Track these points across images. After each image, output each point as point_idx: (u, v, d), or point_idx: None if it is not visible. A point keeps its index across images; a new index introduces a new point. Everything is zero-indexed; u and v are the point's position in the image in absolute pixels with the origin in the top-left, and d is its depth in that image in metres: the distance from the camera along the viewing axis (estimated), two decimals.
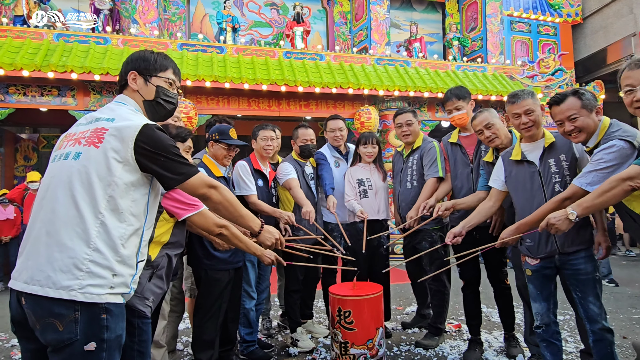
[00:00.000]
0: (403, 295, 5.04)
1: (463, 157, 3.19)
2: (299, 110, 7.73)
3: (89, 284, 1.30)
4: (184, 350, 3.41)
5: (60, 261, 1.31)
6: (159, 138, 1.46)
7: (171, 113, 1.72)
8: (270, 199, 3.26)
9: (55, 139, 8.94)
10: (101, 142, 1.40)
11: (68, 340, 1.29)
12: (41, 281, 1.30)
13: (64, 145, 1.49)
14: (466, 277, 3.16)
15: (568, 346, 3.22)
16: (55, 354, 1.31)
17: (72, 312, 1.29)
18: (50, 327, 1.29)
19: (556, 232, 2.05)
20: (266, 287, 3.48)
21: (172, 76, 1.68)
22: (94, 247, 1.33)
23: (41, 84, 6.31)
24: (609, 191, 1.91)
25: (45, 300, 1.29)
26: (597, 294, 2.30)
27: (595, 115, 2.18)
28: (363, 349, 2.39)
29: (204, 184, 1.59)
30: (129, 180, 1.41)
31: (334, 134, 3.64)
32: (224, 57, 7.25)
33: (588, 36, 10.98)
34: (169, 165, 1.47)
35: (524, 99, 2.50)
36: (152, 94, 1.63)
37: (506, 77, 8.94)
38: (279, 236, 2.08)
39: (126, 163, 1.40)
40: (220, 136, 2.82)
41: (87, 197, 1.36)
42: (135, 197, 1.44)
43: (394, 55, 8.86)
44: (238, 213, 1.76)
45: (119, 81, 1.66)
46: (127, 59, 1.66)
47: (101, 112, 1.55)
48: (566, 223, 2.01)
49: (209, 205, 1.71)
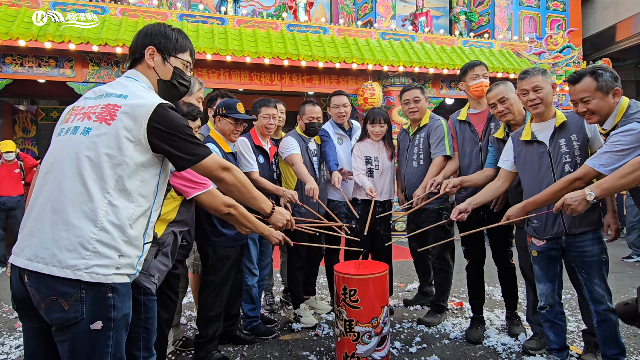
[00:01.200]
0: (405, 272, 5.07)
1: (472, 135, 3.12)
2: (301, 85, 7.59)
3: (95, 264, 1.27)
4: (187, 324, 3.44)
5: (66, 240, 1.27)
6: (173, 118, 1.41)
7: (182, 96, 1.68)
8: (272, 175, 3.21)
9: (53, 111, 8.83)
10: (113, 120, 1.35)
11: (74, 319, 1.27)
12: (46, 259, 1.26)
13: (72, 118, 1.43)
14: (471, 257, 3.15)
15: (569, 325, 3.24)
16: (60, 333, 1.29)
17: (77, 290, 1.26)
18: (56, 306, 1.26)
19: (572, 212, 2.02)
20: (268, 263, 3.48)
21: (188, 58, 1.63)
22: (101, 227, 1.29)
23: (38, 55, 6.16)
24: (632, 173, 1.87)
25: (50, 279, 1.26)
26: (602, 276, 2.29)
27: (613, 97, 2.10)
28: (368, 327, 2.39)
29: (218, 166, 1.56)
30: (139, 160, 1.37)
31: (338, 110, 3.55)
32: (225, 28, 7.06)
33: (598, 12, 10.70)
34: (183, 146, 1.43)
35: (533, 75, 2.44)
36: (168, 75, 1.58)
37: (513, 53, 8.75)
38: (290, 217, 2.08)
39: (138, 143, 1.36)
40: (227, 110, 2.75)
41: (95, 176, 1.31)
42: (145, 178, 1.39)
43: (399, 30, 8.64)
44: (250, 195, 1.74)
45: (132, 53, 1.58)
46: (145, 32, 1.58)
47: (112, 86, 1.49)
48: (583, 204, 1.98)
49: (221, 187, 1.68)
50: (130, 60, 1.59)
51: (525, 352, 2.75)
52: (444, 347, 2.92)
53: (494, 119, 2.99)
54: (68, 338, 1.29)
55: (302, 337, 3.13)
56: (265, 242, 3.35)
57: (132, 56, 1.58)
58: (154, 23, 1.63)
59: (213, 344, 2.73)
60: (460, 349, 2.87)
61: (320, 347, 2.96)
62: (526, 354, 2.74)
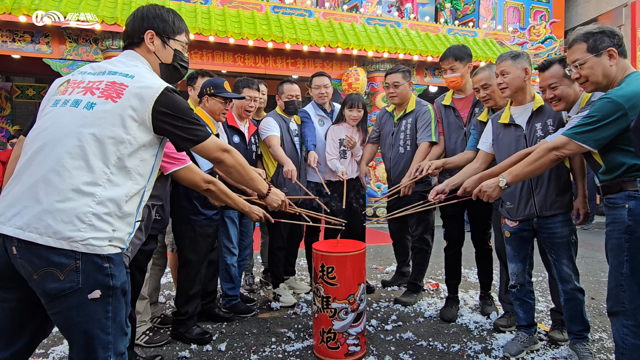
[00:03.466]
0: (384, 255, 5.15)
1: (456, 120, 3.16)
2: (285, 68, 7.53)
3: (90, 236, 1.27)
4: (166, 303, 3.44)
5: (62, 212, 1.25)
6: (178, 101, 1.45)
7: (183, 77, 1.71)
8: (250, 155, 3.20)
9: (29, 88, 8.56)
10: (120, 98, 1.36)
11: (69, 289, 1.26)
12: (39, 229, 1.24)
13: (69, 91, 1.41)
14: (451, 238, 3.22)
15: (539, 305, 3.36)
16: (54, 304, 1.28)
17: (72, 261, 1.26)
18: (50, 277, 1.25)
19: (488, 199, 2.15)
20: (249, 243, 3.49)
21: (185, 39, 1.66)
22: (99, 201, 1.30)
23: (12, 29, 5.94)
24: (538, 160, 1.96)
25: (44, 249, 1.24)
26: (571, 257, 2.38)
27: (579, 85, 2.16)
28: (344, 303, 2.43)
29: (218, 148, 1.60)
30: (142, 140, 1.39)
31: (319, 90, 3.55)
32: (208, 8, 6.93)
33: (580, 5, 10.86)
34: (186, 128, 1.47)
35: (503, 59, 2.51)
36: (169, 58, 1.61)
37: (496, 43, 8.84)
38: (285, 198, 2.16)
39: (142, 123, 1.38)
40: (215, 90, 2.72)
41: (98, 151, 1.31)
42: (144, 157, 1.42)
43: (384, 15, 8.61)
44: (249, 176, 1.79)
45: (129, 36, 1.58)
46: (141, 15, 1.58)
47: (113, 65, 1.49)
48: (497, 190, 2.12)
49: (221, 169, 1.72)
50: (127, 43, 1.59)
51: (496, 329, 2.85)
52: (418, 324, 3.00)
53: (479, 104, 3.02)
54: (63, 308, 1.28)
55: (280, 315, 3.16)
56: (246, 222, 3.36)
57: (129, 39, 1.58)
58: (147, 5, 1.63)
59: (193, 320, 2.75)
60: (434, 327, 2.96)
61: (298, 324, 3.00)
62: (497, 330, 2.84)
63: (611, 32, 1.86)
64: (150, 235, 2.15)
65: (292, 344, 2.69)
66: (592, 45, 1.86)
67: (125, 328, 1.41)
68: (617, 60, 1.85)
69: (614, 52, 1.85)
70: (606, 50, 1.85)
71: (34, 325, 1.41)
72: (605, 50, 1.85)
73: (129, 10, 6.12)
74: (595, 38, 1.86)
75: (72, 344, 1.33)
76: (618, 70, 1.86)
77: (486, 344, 2.68)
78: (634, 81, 1.79)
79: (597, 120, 1.78)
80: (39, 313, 1.39)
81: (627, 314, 1.76)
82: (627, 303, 1.76)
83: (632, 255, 1.74)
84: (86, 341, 1.31)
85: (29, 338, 1.41)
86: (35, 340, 1.44)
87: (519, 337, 2.56)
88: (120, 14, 5.96)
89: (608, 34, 1.86)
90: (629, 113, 1.72)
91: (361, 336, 2.52)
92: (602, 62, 1.85)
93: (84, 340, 1.31)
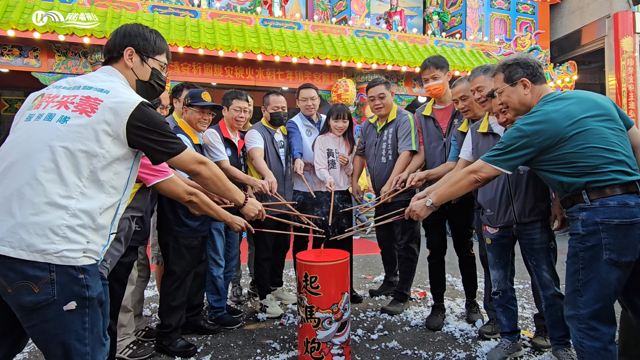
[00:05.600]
0: (373, 265, 5.16)
1: (436, 131, 3.20)
2: (275, 80, 7.59)
3: (64, 248, 1.29)
4: (151, 316, 3.42)
5: (36, 224, 1.27)
6: (153, 115, 1.47)
7: (158, 95, 1.75)
8: (239, 168, 3.22)
9: (18, 102, 8.55)
10: (94, 112, 1.38)
11: (45, 301, 1.27)
12: (13, 243, 1.25)
13: (44, 105, 1.43)
14: (433, 246, 3.25)
15: (525, 312, 3.38)
16: (30, 317, 1.29)
17: (47, 273, 1.27)
18: (25, 290, 1.26)
19: (417, 218, 2.28)
20: (235, 255, 3.49)
21: (165, 60, 1.71)
22: (72, 214, 1.31)
23: (1, 43, 5.96)
24: (458, 182, 2.08)
25: (18, 263, 1.25)
26: (550, 262, 2.41)
27: None
28: (328, 313, 2.44)
29: (194, 160, 1.64)
30: (115, 154, 1.41)
31: (306, 102, 3.59)
32: (197, 21, 6.99)
33: (565, 16, 11.08)
34: (161, 141, 1.49)
35: (476, 75, 2.58)
36: (147, 76, 1.65)
37: (483, 54, 8.98)
38: (262, 208, 2.22)
39: (116, 137, 1.40)
40: (192, 100, 2.77)
41: (71, 165, 1.33)
42: (118, 170, 1.43)
43: (373, 27, 8.74)
44: (225, 187, 1.84)
45: (108, 51, 1.62)
46: (123, 32, 1.63)
47: (89, 79, 1.51)
48: (424, 210, 2.25)
49: (197, 181, 1.75)
50: (107, 58, 1.63)
51: (481, 337, 2.86)
52: (404, 333, 3.00)
53: (458, 115, 3.07)
54: (39, 321, 1.29)
55: (267, 327, 3.15)
56: (232, 233, 3.36)
57: (109, 54, 1.62)
58: (131, 23, 1.68)
59: (177, 333, 2.73)
60: (420, 335, 2.96)
61: (284, 335, 2.99)
62: (482, 338, 2.85)
63: (525, 63, 2.03)
64: (130, 246, 2.15)
65: (277, 355, 2.68)
66: (507, 76, 2.05)
67: (103, 339, 1.41)
68: (530, 89, 2.02)
69: (527, 82, 2.02)
70: (520, 80, 2.02)
71: (8, 340, 1.41)
72: (519, 80, 2.02)
73: (118, 23, 6.16)
74: (510, 69, 2.05)
75: (50, 357, 1.33)
76: (533, 96, 2.03)
77: (470, 352, 2.68)
78: (538, 107, 1.93)
79: (506, 146, 1.93)
80: (14, 329, 1.39)
81: (581, 318, 1.82)
82: (582, 307, 1.81)
83: (586, 264, 1.80)
84: (64, 352, 1.31)
85: (3, 354, 1.41)
86: (9, 355, 1.44)
87: (502, 344, 2.57)
88: (110, 28, 6.00)
89: (522, 65, 2.03)
90: (530, 137, 1.86)
91: (345, 346, 2.51)
92: (517, 91, 2.04)
93: (61, 352, 1.31)
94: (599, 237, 1.76)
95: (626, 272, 1.78)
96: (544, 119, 1.85)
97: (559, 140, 1.83)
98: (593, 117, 1.84)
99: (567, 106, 1.86)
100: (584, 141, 1.80)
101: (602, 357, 1.77)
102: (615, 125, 1.86)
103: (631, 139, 1.93)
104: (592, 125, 1.82)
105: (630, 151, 1.87)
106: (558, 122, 1.83)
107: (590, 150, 1.79)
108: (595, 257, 1.78)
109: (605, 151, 1.79)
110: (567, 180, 1.86)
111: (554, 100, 1.91)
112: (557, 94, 1.96)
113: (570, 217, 1.93)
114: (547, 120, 1.85)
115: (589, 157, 1.79)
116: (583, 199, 1.82)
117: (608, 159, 1.79)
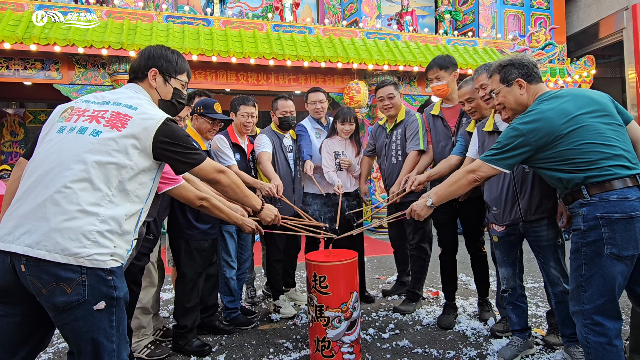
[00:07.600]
0: (387, 265, 5.17)
1: (445, 130, 3.22)
2: (287, 84, 7.68)
3: (95, 252, 1.39)
4: (169, 317, 3.52)
5: (69, 230, 1.37)
6: (177, 130, 1.60)
7: (179, 112, 1.89)
8: (249, 172, 3.29)
9: (41, 114, 8.86)
10: (124, 127, 1.50)
11: (77, 302, 1.37)
12: (48, 246, 1.34)
13: (75, 118, 1.54)
14: (444, 245, 3.26)
15: (539, 310, 3.35)
16: (62, 316, 1.39)
17: (78, 275, 1.37)
18: (58, 291, 1.36)
19: (418, 217, 2.29)
20: (248, 256, 3.56)
21: (186, 79, 1.82)
22: (102, 220, 1.42)
23: (24, 57, 6.21)
24: (457, 181, 2.10)
25: (52, 265, 1.35)
26: (558, 259, 2.40)
27: None
28: (337, 312, 2.48)
29: (214, 169, 1.77)
30: (142, 165, 1.52)
31: (315, 106, 3.65)
32: (210, 30, 7.14)
33: (581, 10, 10.87)
34: (185, 153, 1.62)
35: (479, 74, 2.59)
36: (169, 95, 1.78)
37: (497, 51, 8.89)
38: (277, 213, 2.34)
39: (143, 150, 1.52)
40: (205, 110, 2.83)
41: (101, 175, 1.44)
42: (143, 181, 1.55)
43: (384, 29, 8.75)
44: (243, 194, 1.96)
45: (134, 71, 1.74)
46: (147, 54, 1.75)
47: (117, 96, 1.63)
48: (425, 209, 2.26)
49: (217, 188, 1.88)
50: (131, 77, 1.75)
51: (493, 335, 2.86)
52: (415, 332, 3.02)
53: (466, 114, 3.08)
54: (71, 320, 1.39)
55: (280, 327, 3.21)
56: (244, 235, 3.43)
57: (134, 74, 1.74)
58: (154, 45, 1.81)
59: (192, 333, 2.82)
60: (431, 334, 2.97)
61: (297, 335, 3.05)
62: (493, 336, 2.85)
63: (519, 64, 2.06)
64: (142, 252, 2.25)
65: (290, 354, 2.74)
66: (503, 77, 2.10)
67: (127, 337, 1.53)
68: (526, 88, 2.06)
69: (522, 82, 2.06)
70: (515, 81, 2.06)
71: (35, 338, 1.51)
72: (514, 81, 2.06)
73: (134, 35, 6.36)
74: (505, 70, 2.08)
75: (80, 353, 1.43)
76: (529, 96, 2.06)
77: (481, 350, 2.69)
78: (534, 106, 1.96)
79: (503, 146, 1.96)
80: (41, 328, 1.50)
81: (586, 314, 1.82)
82: (586, 303, 1.81)
83: (588, 259, 1.81)
84: (93, 349, 1.42)
85: (29, 350, 1.51)
86: (35, 352, 1.54)
87: (513, 342, 2.57)
88: (126, 39, 6.19)
89: (517, 66, 2.06)
90: (527, 135, 1.88)
91: (355, 344, 2.55)
92: (513, 91, 2.08)
93: (90, 348, 1.42)
94: (600, 231, 1.77)
95: (629, 266, 1.78)
96: (539, 118, 1.87)
97: (555, 138, 1.85)
98: (588, 114, 1.85)
99: (561, 104, 1.88)
100: (580, 138, 1.81)
101: (607, 352, 1.76)
102: (611, 121, 1.86)
103: (630, 133, 1.93)
104: (588, 121, 1.83)
105: (629, 145, 1.86)
106: (553, 120, 1.85)
107: (586, 146, 1.80)
108: (597, 252, 1.78)
109: (602, 146, 1.80)
110: (566, 176, 1.87)
111: (549, 99, 1.93)
112: (552, 93, 1.97)
113: (571, 213, 1.93)
114: (543, 119, 1.87)
115: (586, 152, 1.80)
116: (583, 194, 1.83)
117: (605, 154, 1.79)
